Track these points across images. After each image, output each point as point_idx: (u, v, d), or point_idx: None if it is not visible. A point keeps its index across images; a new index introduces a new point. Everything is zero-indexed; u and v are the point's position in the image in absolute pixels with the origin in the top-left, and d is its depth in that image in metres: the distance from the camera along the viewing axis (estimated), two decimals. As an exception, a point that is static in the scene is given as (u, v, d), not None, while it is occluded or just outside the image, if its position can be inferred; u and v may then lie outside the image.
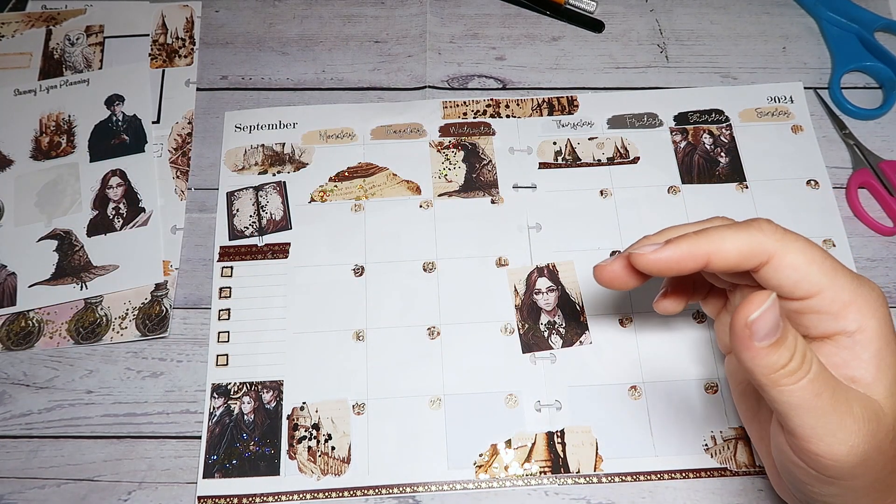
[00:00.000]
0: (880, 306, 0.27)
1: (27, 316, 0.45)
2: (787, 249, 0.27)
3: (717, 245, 0.27)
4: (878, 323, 0.26)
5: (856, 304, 0.26)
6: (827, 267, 0.27)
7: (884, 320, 0.27)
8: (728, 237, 0.27)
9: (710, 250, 0.27)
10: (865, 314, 0.26)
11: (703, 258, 0.27)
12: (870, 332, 0.26)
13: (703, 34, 0.54)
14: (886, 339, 0.26)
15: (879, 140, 0.50)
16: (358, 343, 0.44)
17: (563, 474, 0.40)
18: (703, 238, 0.28)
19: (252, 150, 0.50)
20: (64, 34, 0.55)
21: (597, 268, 0.31)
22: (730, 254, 0.27)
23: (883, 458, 0.26)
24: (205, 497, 0.40)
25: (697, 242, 0.28)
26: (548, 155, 0.49)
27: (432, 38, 0.54)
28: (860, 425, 0.25)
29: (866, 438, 0.25)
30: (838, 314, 0.27)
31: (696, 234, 0.28)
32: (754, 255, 0.27)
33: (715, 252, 0.27)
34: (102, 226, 0.48)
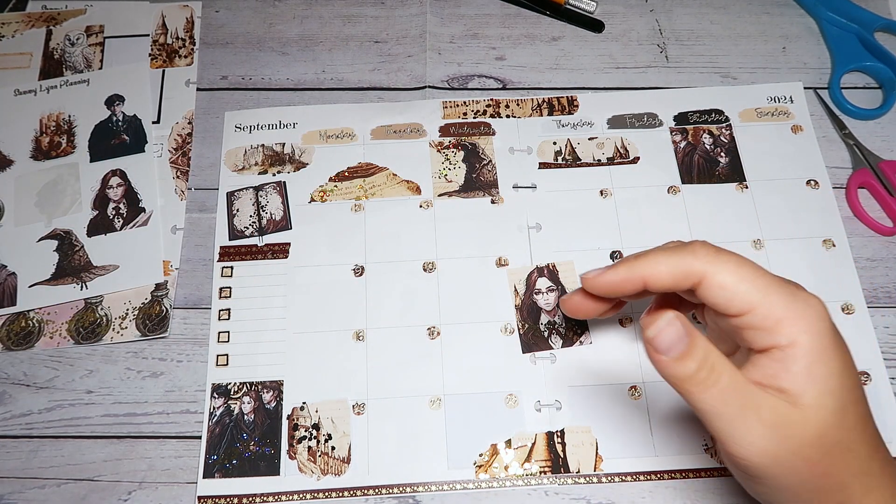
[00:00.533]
0: (815, 321, 0.28)
1: (27, 316, 0.45)
2: (716, 270, 0.28)
3: (651, 268, 0.30)
4: (810, 338, 0.28)
5: (788, 320, 0.28)
6: (759, 284, 0.28)
7: (818, 335, 0.28)
8: (661, 261, 0.30)
9: (645, 273, 0.30)
10: (797, 330, 0.28)
11: (639, 280, 0.30)
12: (800, 347, 0.28)
13: (703, 34, 0.54)
14: (819, 354, 0.28)
15: (879, 140, 0.50)
16: (358, 343, 0.44)
17: (563, 474, 0.40)
18: (640, 262, 0.30)
19: (252, 150, 0.50)
20: (64, 34, 0.55)
21: (560, 301, 0.35)
22: (663, 276, 0.30)
23: (804, 463, 0.27)
24: (205, 497, 0.40)
25: (633, 266, 0.30)
26: (548, 155, 0.50)
27: (432, 38, 0.54)
28: (768, 430, 0.27)
29: (777, 443, 0.27)
30: (771, 330, 0.28)
31: (634, 257, 0.31)
32: (686, 277, 0.29)
33: (650, 275, 0.30)
34: (102, 226, 0.48)
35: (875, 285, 0.45)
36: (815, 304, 0.28)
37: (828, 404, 0.28)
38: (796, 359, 0.28)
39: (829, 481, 0.28)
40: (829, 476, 0.28)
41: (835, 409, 0.28)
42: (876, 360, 0.43)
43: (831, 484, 0.28)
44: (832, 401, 0.28)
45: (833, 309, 0.44)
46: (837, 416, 0.28)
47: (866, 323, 0.44)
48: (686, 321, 0.28)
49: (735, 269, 0.28)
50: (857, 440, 0.28)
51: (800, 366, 0.28)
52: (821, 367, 0.28)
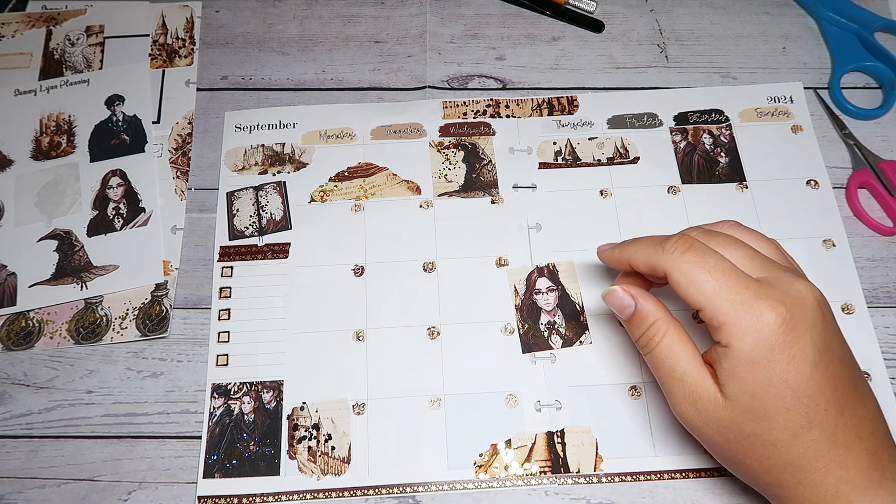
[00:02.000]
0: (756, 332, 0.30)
1: (27, 316, 0.45)
2: (673, 270, 0.32)
3: (632, 255, 0.35)
4: (742, 345, 0.31)
5: (728, 325, 0.31)
6: (706, 290, 0.31)
7: (754, 345, 0.30)
8: (640, 251, 0.35)
9: (629, 258, 0.36)
10: (735, 336, 0.31)
11: (626, 262, 0.36)
12: (733, 350, 0.31)
13: (703, 34, 0.54)
14: (748, 361, 0.31)
15: (879, 140, 0.50)
16: (358, 343, 0.44)
17: (563, 474, 0.40)
18: (627, 248, 0.36)
19: (252, 150, 0.50)
20: (64, 34, 0.55)
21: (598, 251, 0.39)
22: (640, 264, 0.35)
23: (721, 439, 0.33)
24: (205, 497, 0.40)
25: (622, 250, 0.36)
26: (548, 155, 0.50)
27: (432, 38, 0.54)
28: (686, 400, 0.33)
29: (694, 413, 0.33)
30: (715, 329, 0.32)
31: (627, 242, 0.36)
32: (654, 270, 0.34)
33: (631, 261, 0.35)
34: (102, 226, 0.48)
35: (875, 285, 0.45)
36: (767, 318, 0.30)
37: (745, 402, 0.31)
38: (728, 357, 0.31)
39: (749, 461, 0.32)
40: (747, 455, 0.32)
41: (753, 409, 0.31)
42: (876, 360, 0.43)
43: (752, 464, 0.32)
44: (751, 401, 0.31)
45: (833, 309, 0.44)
46: (754, 415, 0.31)
47: (866, 323, 0.44)
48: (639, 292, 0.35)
49: (689, 271, 0.32)
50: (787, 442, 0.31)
51: (729, 364, 0.31)
52: (747, 373, 0.31)
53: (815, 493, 0.31)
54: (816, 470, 0.31)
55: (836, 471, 0.31)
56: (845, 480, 0.31)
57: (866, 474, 0.31)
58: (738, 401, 0.31)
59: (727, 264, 0.32)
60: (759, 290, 0.31)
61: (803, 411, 0.31)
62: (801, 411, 0.31)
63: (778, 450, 0.31)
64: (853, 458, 0.31)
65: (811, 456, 0.31)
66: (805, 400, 0.31)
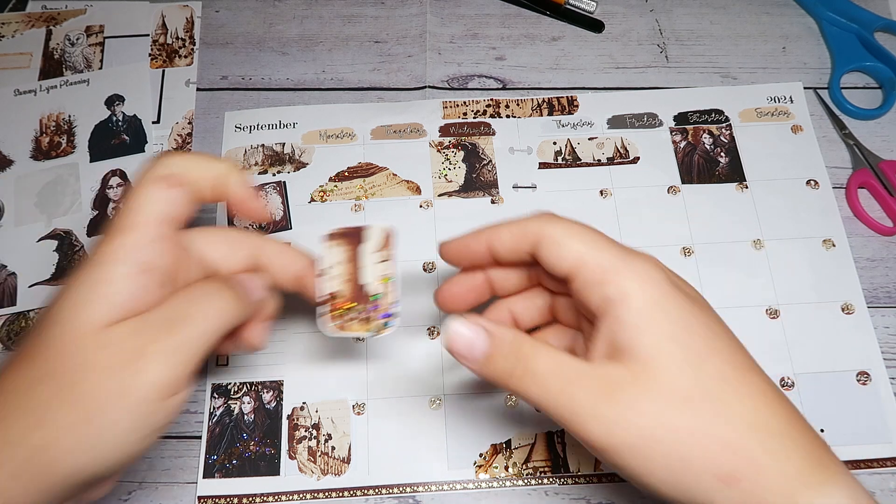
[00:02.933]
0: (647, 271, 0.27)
1: (27, 316, 0.45)
2: (548, 228, 0.29)
3: (495, 233, 0.31)
4: (641, 286, 0.27)
5: (616, 270, 0.27)
6: (586, 239, 0.28)
7: (651, 283, 0.27)
8: (504, 227, 0.31)
9: (489, 237, 0.31)
10: (627, 280, 0.27)
11: (484, 243, 0.31)
12: (632, 296, 0.27)
13: (703, 34, 0.54)
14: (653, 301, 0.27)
15: (879, 140, 0.50)
16: (358, 343, 0.44)
17: (563, 474, 0.40)
18: (486, 229, 0.31)
19: (252, 150, 0.50)
20: (64, 34, 0.55)
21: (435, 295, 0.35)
22: (504, 238, 0.30)
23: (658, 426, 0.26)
24: (205, 497, 0.40)
25: (479, 232, 0.32)
26: (548, 155, 0.50)
27: (432, 38, 0.54)
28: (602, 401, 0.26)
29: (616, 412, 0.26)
30: (602, 282, 0.27)
31: (480, 228, 0.32)
32: (524, 237, 0.30)
33: (493, 239, 0.31)
34: (103, 226, 0.48)
35: (875, 285, 0.45)
36: (648, 258, 0.28)
37: (670, 352, 0.26)
38: (629, 307, 0.27)
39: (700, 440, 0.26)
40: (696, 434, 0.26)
41: (681, 358, 0.26)
42: (876, 360, 0.43)
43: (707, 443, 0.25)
44: (675, 348, 0.26)
45: (833, 309, 0.44)
46: (686, 364, 0.26)
47: (866, 323, 0.44)
48: (482, 319, 0.29)
49: (567, 226, 0.29)
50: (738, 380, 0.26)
51: (632, 313, 0.26)
52: (656, 313, 0.26)
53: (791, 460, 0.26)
54: (783, 430, 0.26)
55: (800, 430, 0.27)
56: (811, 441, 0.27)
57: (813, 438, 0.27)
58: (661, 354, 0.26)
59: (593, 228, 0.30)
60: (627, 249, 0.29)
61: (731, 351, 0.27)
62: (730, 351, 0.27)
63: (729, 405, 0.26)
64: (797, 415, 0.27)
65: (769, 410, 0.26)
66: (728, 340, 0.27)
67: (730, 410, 0.26)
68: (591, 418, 0.26)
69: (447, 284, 0.34)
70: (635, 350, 0.26)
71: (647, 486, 0.26)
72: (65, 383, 0.26)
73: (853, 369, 0.42)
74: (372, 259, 0.34)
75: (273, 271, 0.33)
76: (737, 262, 0.46)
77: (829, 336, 0.44)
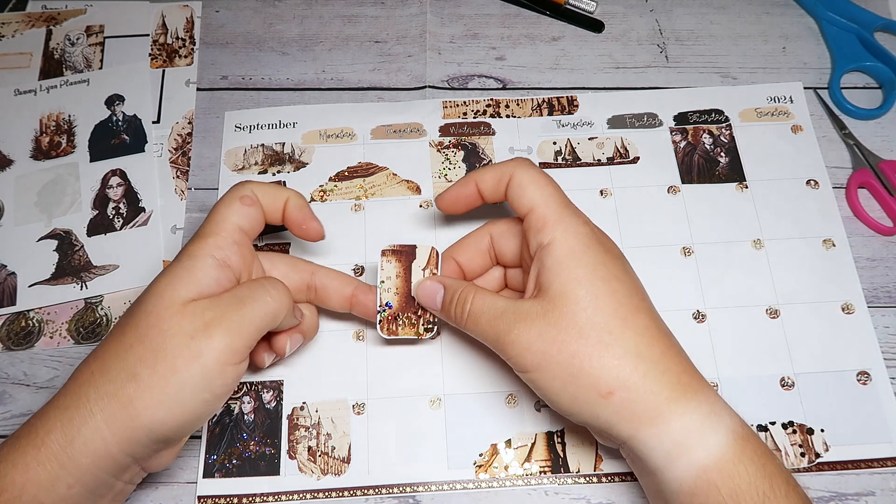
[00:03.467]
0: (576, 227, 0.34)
1: (27, 316, 0.45)
2: (518, 171, 0.37)
3: (480, 176, 0.38)
4: (565, 237, 0.34)
5: (554, 222, 0.35)
6: (545, 192, 0.36)
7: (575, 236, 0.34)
8: (488, 170, 0.38)
9: (477, 178, 0.39)
10: (558, 231, 0.34)
11: (472, 185, 0.39)
12: (556, 243, 0.34)
13: (703, 34, 0.54)
14: (571, 250, 0.34)
15: (879, 140, 0.50)
16: (358, 343, 0.44)
17: (563, 474, 0.40)
18: (472, 173, 0.39)
19: (252, 149, 0.50)
20: (64, 34, 0.55)
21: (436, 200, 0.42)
22: (487, 178, 0.38)
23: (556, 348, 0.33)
24: (205, 497, 0.40)
25: (468, 177, 0.39)
26: (548, 155, 0.50)
27: (432, 38, 0.54)
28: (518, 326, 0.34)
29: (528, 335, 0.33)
30: (541, 230, 0.35)
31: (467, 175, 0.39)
32: (502, 177, 0.37)
33: (479, 180, 0.38)
34: (102, 226, 0.48)
35: (875, 285, 0.45)
36: (580, 216, 0.35)
37: (575, 292, 0.33)
38: (551, 253, 0.34)
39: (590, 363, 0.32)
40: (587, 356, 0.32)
41: (584, 298, 0.33)
42: (876, 360, 0.43)
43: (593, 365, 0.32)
44: (580, 290, 0.33)
45: (833, 309, 0.44)
46: (587, 303, 0.33)
47: (866, 323, 0.44)
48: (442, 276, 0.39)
49: (532, 175, 0.36)
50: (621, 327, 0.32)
51: (553, 259, 0.34)
52: (571, 261, 0.33)
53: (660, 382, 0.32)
54: (657, 358, 0.32)
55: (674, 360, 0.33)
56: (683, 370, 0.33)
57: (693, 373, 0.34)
58: (567, 293, 0.33)
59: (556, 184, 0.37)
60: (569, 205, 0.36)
61: (628, 295, 0.34)
62: (627, 294, 0.34)
63: (615, 336, 0.32)
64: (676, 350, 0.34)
65: (648, 342, 0.33)
66: (628, 286, 0.34)
67: (614, 341, 0.32)
68: (510, 343, 0.34)
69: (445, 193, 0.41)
70: (549, 289, 0.34)
71: (551, 401, 0.34)
72: (150, 347, 0.31)
73: (853, 369, 0.42)
74: (419, 275, 0.40)
75: (325, 292, 0.40)
76: (737, 262, 0.46)
77: (830, 336, 0.44)
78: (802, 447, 0.41)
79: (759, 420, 0.41)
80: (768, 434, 0.41)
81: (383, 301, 0.40)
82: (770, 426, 0.41)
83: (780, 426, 0.41)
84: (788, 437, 0.41)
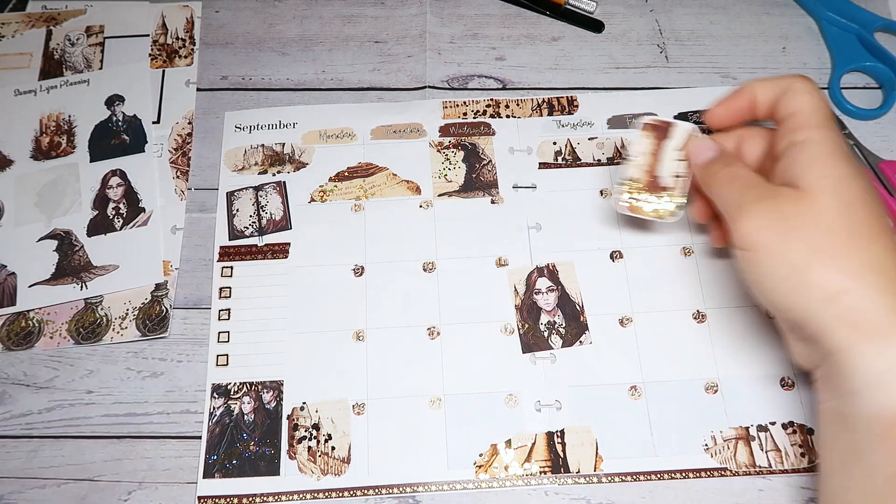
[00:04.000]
0: (837, 139, 0.34)
1: (27, 316, 0.45)
2: (799, 82, 0.36)
3: (758, 86, 0.38)
4: (822, 138, 0.34)
5: (814, 125, 0.34)
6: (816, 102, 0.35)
7: (833, 143, 0.34)
8: (764, 80, 0.38)
9: (753, 88, 0.38)
10: (818, 132, 0.34)
11: (747, 96, 0.38)
12: (813, 142, 0.34)
13: (703, 34, 0.54)
14: (830, 152, 0.33)
15: (879, 140, 0.50)
16: (358, 343, 0.44)
17: (563, 474, 0.40)
18: (746, 84, 0.38)
19: (252, 150, 0.50)
20: (64, 34, 0.55)
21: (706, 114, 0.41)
22: (766, 88, 0.37)
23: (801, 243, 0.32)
24: (205, 497, 0.40)
25: (741, 88, 0.39)
26: (548, 155, 0.50)
27: (432, 38, 0.54)
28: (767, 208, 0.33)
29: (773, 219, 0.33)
30: (798, 130, 0.35)
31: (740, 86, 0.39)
32: (782, 87, 0.36)
33: (758, 90, 0.38)
34: (102, 226, 0.48)
35: (875, 285, 0.45)
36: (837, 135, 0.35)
37: (828, 190, 0.32)
38: (807, 149, 0.34)
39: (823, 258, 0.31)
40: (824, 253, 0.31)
41: (837, 198, 0.32)
42: (876, 360, 0.43)
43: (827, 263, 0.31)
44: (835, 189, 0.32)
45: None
46: (840, 205, 0.32)
47: (866, 323, 0.44)
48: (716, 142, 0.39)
49: (811, 87, 0.36)
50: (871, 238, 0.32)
51: (808, 154, 0.33)
52: (829, 159, 0.33)
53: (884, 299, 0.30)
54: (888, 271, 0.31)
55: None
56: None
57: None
58: (821, 188, 0.32)
59: None
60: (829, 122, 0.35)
61: (879, 213, 0.32)
62: (878, 212, 0.32)
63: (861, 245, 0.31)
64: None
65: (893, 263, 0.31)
66: (877, 205, 0.33)
67: (859, 248, 0.31)
68: (751, 213, 0.33)
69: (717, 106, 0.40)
70: (801, 181, 0.33)
71: (765, 287, 0.33)
72: None
73: (853, 369, 0.42)
74: (672, 156, 0.39)
75: None
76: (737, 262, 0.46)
77: None
78: (802, 447, 0.41)
79: (759, 420, 0.41)
80: (768, 434, 0.41)
81: (628, 175, 0.40)
82: (770, 426, 0.41)
83: (780, 426, 0.41)
84: (788, 437, 0.41)
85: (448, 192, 0.48)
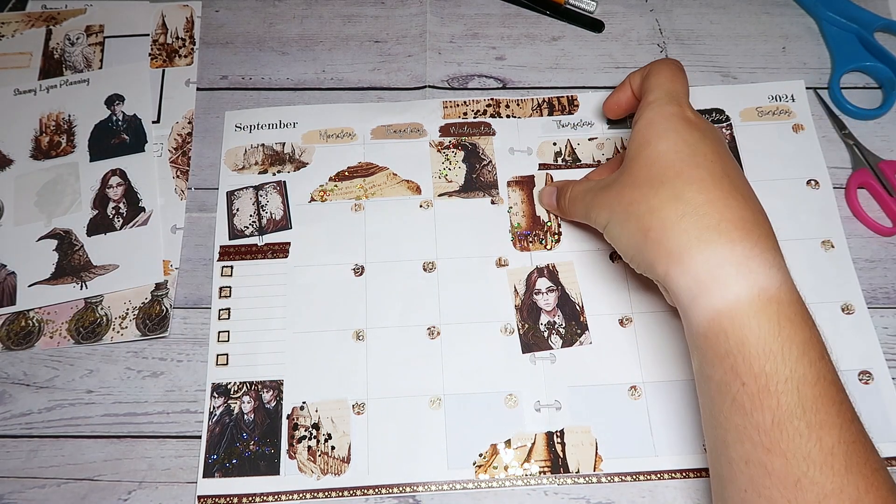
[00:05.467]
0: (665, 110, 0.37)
1: (27, 315, 0.45)
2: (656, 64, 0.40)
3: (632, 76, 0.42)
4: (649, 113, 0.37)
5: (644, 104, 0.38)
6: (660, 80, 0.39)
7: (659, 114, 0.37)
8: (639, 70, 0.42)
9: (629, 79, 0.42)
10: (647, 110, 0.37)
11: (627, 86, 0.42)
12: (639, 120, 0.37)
13: (703, 34, 0.54)
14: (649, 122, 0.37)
15: (879, 140, 0.50)
16: (358, 343, 0.44)
17: (563, 474, 0.40)
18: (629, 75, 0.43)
19: (252, 149, 0.50)
20: (64, 34, 0.55)
21: None
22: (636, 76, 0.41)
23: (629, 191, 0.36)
24: (205, 496, 0.40)
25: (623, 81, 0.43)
26: (548, 155, 0.49)
27: (432, 38, 0.54)
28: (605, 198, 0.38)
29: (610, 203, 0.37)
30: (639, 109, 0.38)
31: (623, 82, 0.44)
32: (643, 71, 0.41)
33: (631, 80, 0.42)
34: (102, 225, 0.48)
35: (874, 286, 0.45)
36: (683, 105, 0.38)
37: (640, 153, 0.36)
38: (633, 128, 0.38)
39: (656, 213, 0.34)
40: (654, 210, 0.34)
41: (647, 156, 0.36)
42: (877, 361, 0.43)
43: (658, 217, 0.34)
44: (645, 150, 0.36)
45: (833, 309, 0.44)
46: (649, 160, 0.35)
47: (867, 323, 0.44)
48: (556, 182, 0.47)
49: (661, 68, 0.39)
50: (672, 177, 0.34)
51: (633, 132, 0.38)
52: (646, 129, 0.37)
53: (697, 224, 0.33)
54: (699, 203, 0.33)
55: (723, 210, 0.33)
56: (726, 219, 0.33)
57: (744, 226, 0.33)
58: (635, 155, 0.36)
59: None
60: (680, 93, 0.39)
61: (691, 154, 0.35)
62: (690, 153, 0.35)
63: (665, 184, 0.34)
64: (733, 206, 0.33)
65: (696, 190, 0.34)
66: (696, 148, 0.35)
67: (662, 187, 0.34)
68: (595, 208, 0.39)
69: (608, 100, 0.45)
70: (631, 156, 0.37)
71: (623, 253, 0.37)
72: None
73: (855, 369, 0.42)
74: None
75: None
76: (737, 262, 0.46)
77: (831, 336, 0.43)
78: (802, 447, 0.40)
79: (758, 420, 0.41)
80: (768, 434, 0.41)
81: (513, 223, 0.46)
82: (770, 426, 0.41)
83: (780, 426, 0.41)
84: (788, 437, 0.41)
85: (448, 192, 0.48)
